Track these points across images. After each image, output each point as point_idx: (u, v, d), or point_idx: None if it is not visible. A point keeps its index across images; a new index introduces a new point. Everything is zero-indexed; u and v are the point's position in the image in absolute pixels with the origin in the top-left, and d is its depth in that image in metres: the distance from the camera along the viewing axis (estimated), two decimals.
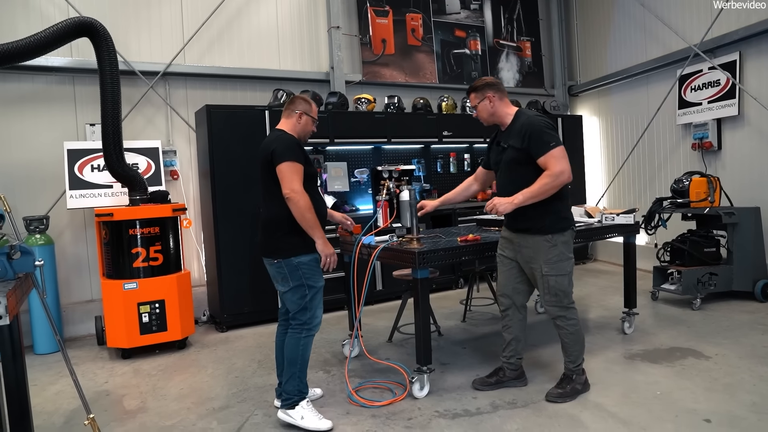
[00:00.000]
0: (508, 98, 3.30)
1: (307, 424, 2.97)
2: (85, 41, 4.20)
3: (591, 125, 8.00)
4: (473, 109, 3.30)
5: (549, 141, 3.00)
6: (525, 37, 8.00)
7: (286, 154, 2.96)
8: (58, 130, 5.18)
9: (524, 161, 3.09)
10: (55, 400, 3.60)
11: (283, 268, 3.03)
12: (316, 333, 3.12)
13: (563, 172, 2.98)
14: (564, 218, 3.18)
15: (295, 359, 3.03)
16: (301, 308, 3.04)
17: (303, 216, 2.94)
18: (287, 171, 2.94)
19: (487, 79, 3.31)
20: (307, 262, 3.05)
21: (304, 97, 3.28)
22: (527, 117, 3.14)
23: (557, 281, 3.13)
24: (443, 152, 6.91)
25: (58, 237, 5.11)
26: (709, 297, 5.21)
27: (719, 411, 2.97)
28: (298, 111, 3.18)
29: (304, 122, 3.20)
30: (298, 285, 3.03)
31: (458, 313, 5.25)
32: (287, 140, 3.05)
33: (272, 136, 3.13)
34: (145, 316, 4.35)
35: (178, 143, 5.74)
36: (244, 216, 5.10)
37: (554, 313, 3.21)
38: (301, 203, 2.92)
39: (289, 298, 3.08)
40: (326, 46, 6.50)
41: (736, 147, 5.87)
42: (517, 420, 2.98)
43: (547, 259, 3.12)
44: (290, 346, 3.06)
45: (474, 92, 3.27)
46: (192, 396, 3.56)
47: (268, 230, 3.09)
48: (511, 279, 3.35)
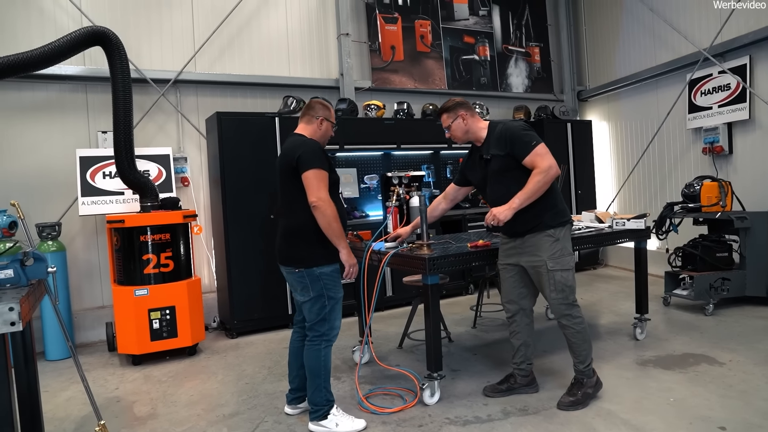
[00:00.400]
0: (477, 115, 3.37)
1: (344, 428, 2.98)
2: (97, 49, 4.25)
3: (600, 130, 7.97)
4: (446, 130, 3.36)
5: (530, 141, 3.07)
6: (534, 43, 8.00)
7: (314, 161, 2.89)
8: (70, 138, 5.24)
9: (511, 167, 3.13)
10: (66, 406, 3.62)
11: (305, 278, 2.98)
12: (334, 342, 3.11)
13: (551, 167, 3.04)
14: (562, 211, 3.21)
15: (318, 371, 3.00)
16: (321, 319, 3.00)
17: (329, 225, 2.89)
18: (314, 178, 2.87)
19: (456, 99, 3.40)
20: (329, 273, 3.01)
21: (323, 101, 3.22)
22: (503, 124, 3.22)
23: (563, 276, 3.13)
24: (453, 158, 6.91)
25: (70, 243, 5.15)
26: (722, 302, 5.15)
27: (734, 418, 2.93)
28: (320, 116, 3.12)
29: (324, 128, 3.15)
30: (318, 295, 2.98)
31: (468, 320, 5.23)
32: (313, 146, 2.98)
33: (296, 142, 3.03)
34: (156, 322, 4.37)
35: (188, 150, 5.78)
36: (255, 222, 5.12)
37: (561, 312, 3.19)
38: (328, 212, 2.87)
39: (308, 308, 3.03)
40: (336, 53, 6.53)
41: (748, 151, 5.82)
42: (529, 427, 2.96)
43: (551, 255, 3.12)
44: (311, 359, 3.01)
45: (446, 113, 3.34)
46: (202, 402, 3.57)
47: (291, 238, 3.04)
48: (516, 285, 3.35)
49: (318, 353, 3.00)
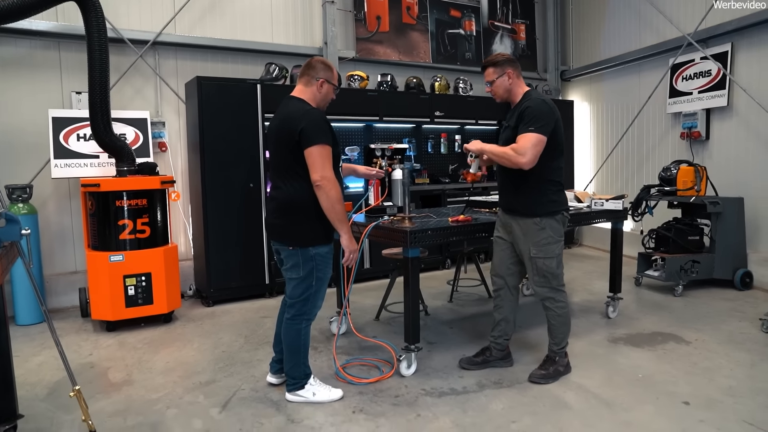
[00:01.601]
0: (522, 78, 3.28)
1: (321, 397, 3.00)
2: (71, 5, 4.07)
3: (582, 111, 8.02)
4: (488, 84, 3.24)
5: (533, 124, 2.99)
6: (520, 20, 7.95)
7: (319, 135, 2.71)
8: (42, 97, 5.05)
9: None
10: (38, 371, 3.57)
11: (298, 256, 2.85)
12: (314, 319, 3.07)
13: (524, 154, 2.95)
14: (553, 201, 3.17)
15: (297, 348, 2.97)
16: (304, 298, 2.92)
17: (333, 207, 2.74)
18: (318, 155, 2.70)
19: (506, 54, 3.27)
20: (323, 254, 2.91)
21: (324, 60, 2.99)
22: (532, 99, 3.12)
23: (545, 263, 3.16)
24: (434, 132, 6.90)
25: (42, 207, 5.02)
26: (691, 284, 5.30)
27: (698, 394, 3.04)
28: (321, 78, 2.90)
29: (325, 91, 2.94)
30: (307, 275, 2.88)
31: (445, 294, 5.29)
32: (317, 118, 2.78)
33: (297, 110, 2.81)
34: (131, 288, 4.32)
35: (167, 115, 5.64)
36: (234, 190, 5.06)
37: (543, 294, 3.24)
38: (332, 193, 2.72)
39: (293, 285, 2.93)
40: (320, 20, 6.40)
41: (724, 138, 5.93)
42: (503, 399, 3.03)
43: (536, 242, 3.14)
44: (291, 336, 2.96)
45: (493, 66, 3.19)
46: (178, 370, 3.55)
47: (286, 214, 2.86)
48: (506, 260, 3.37)
49: (298, 332, 2.96)
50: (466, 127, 7.03)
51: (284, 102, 2.96)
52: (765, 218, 5.47)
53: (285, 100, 2.96)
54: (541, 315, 3.44)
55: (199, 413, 2.94)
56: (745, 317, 4.42)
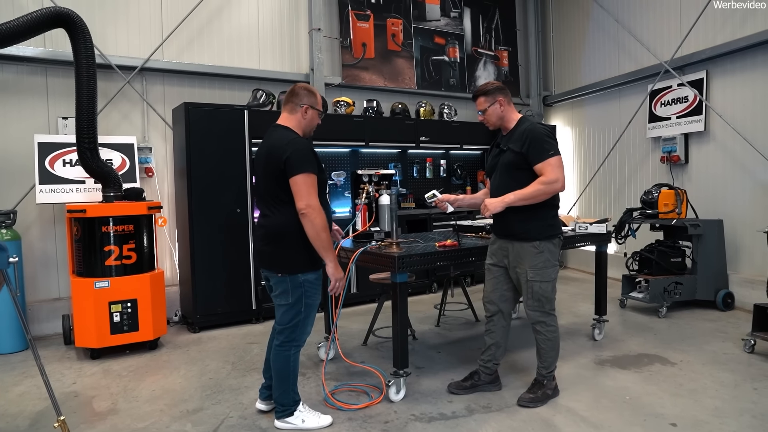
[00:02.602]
0: (513, 104, 3.36)
1: (310, 424, 2.98)
2: (59, 32, 4.10)
3: (564, 135, 8.17)
4: (480, 113, 3.31)
5: (548, 149, 3.08)
6: (502, 47, 8.14)
7: (303, 164, 2.74)
8: (28, 122, 5.04)
9: (521, 166, 3.15)
10: (19, 401, 3.49)
11: (287, 283, 2.87)
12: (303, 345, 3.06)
13: (557, 180, 3.06)
14: (551, 225, 3.23)
15: (286, 375, 2.96)
16: (293, 325, 2.92)
17: (318, 235, 2.77)
18: (303, 184, 2.73)
19: (496, 83, 3.36)
20: (312, 280, 2.92)
21: (308, 87, 3.02)
22: (530, 123, 3.22)
23: (541, 287, 3.19)
24: (420, 157, 6.97)
25: (25, 232, 4.96)
26: (675, 305, 5.38)
27: (684, 416, 3.08)
28: (304, 104, 2.95)
29: (309, 117, 2.98)
30: (296, 301, 2.89)
31: (432, 318, 5.29)
32: (302, 147, 2.80)
33: (282, 138, 2.85)
34: (117, 315, 4.26)
35: (153, 140, 5.64)
36: (220, 216, 5.05)
37: (535, 318, 3.27)
38: (317, 221, 2.75)
39: (282, 312, 2.93)
40: (306, 47, 6.49)
41: (702, 161, 6.09)
42: (492, 424, 3.03)
43: (533, 265, 3.18)
44: (280, 363, 2.94)
45: (484, 96, 3.27)
46: (165, 398, 3.50)
47: (274, 241, 2.88)
48: (499, 287, 3.39)
49: (287, 358, 2.94)
50: (451, 151, 7.13)
51: (270, 130, 2.98)
52: (744, 240, 5.60)
53: (271, 129, 2.98)
54: (529, 338, 3.47)
55: None
56: (728, 338, 4.49)
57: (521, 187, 3.09)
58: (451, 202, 3.54)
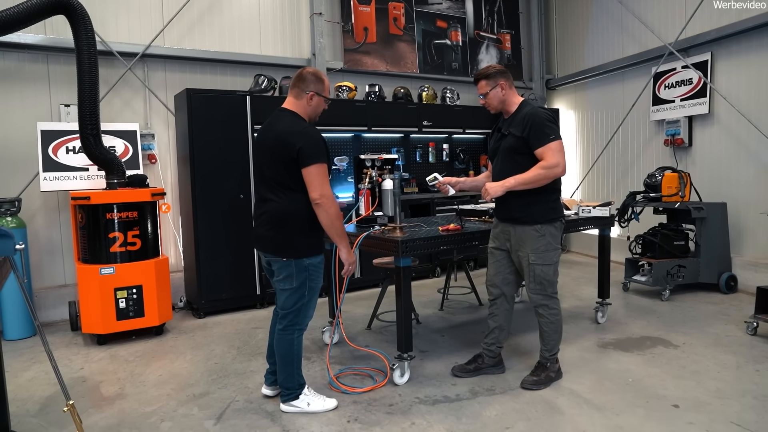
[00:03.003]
0: (514, 88, 3.34)
1: (315, 407, 3.01)
2: (60, 18, 4.08)
3: (567, 119, 8.14)
4: (482, 96, 3.30)
5: (549, 134, 3.08)
6: (505, 30, 8.07)
7: (317, 155, 2.75)
8: (30, 110, 5.04)
9: (522, 150, 3.14)
10: (28, 386, 3.54)
11: (292, 267, 2.86)
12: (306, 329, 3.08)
13: (558, 165, 3.06)
14: (552, 209, 3.24)
15: (291, 359, 2.98)
16: (296, 309, 2.94)
17: (332, 223, 2.80)
18: (317, 175, 2.74)
19: (498, 66, 3.33)
20: (316, 264, 2.93)
21: (316, 72, 2.96)
22: (531, 107, 3.21)
23: (543, 270, 3.21)
24: (422, 142, 6.95)
25: (30, 220, 4.99)
26: (678, 288, 5.39)
27: (687, 397, 3.10)
28: (310, 91, 2.90)
29: (315, 103, 2.94)
30: (300, 285, 2.89)
31: (436, 302, 5.32)
32: (316, 137, 2.79)
33: (293, 126, 2.82)
34: (122, 301, 4.30)
35: (156, 127, 5.64)
36: (223, 201, 5.07)
37: (537, 302, 3.29)
38: (332, 211, 2.77)
39: (286, 296, 2.93)
40: (308, 32, 6.45)
41: (706, 144, 6.06)
42: (496, 406, 3.06)
43: (535, 248, 3.19)
44: (284, 347, 2.97)
45: (486, 79, 3.25)
46: (171, 382, 3.54)
47: (279, 226, 2.86)
48: (502, 270, 3.40)
49: (291, 342, 2.97)
50: (453, 136, 7.11)
51: (276, 115, 2.95)
52: (748, 222, 5.59)
53: (277, 113, 2.96)
54: (532, 322, 3.49)
55: (194, 426, 2.93)
56: (730, 320, 4.51)
57: (522, 171, 3.09)
58: (453, 184, 3.53)
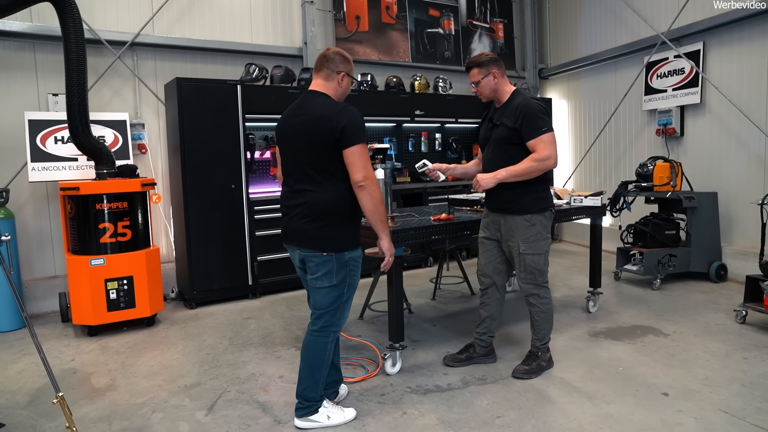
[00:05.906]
0: (507, 77, 3.31)
1: (336, 420, 2.78)
2: (46, 6, 4.01)
3: (560, 108, 8.13)
4: (473, 84, 3.26)
5: (541, 125, 3.05)
6: (498, 19, 8.02)
7: (360, 134, 2.54)
8: (17, 100, 4.97)
9: (513, 141, 3.12)
10: (17, 378, 3.52)
11: (333, 262, 2.61)
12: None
13: (550, 157, 3.04)
14: (542, 198, 3.23)
15: (320, 365, 2.71)
16: (334, 308, 2.69)
17: (376, 208, 2.56)
18: (360, 155, 2.52)
19: (490, 54, 3.28)
20: (356, 259, 2.70)
21: (342, 52, 2.75)
22: (524, 98, 3.17)
23: (533, 260, 3.21)
24: (415, 131, 6.93)
25: (19, 211, 4.94)
26: (668, 277, 5.43)
27: (676, 385, 3.13)
28: (341, 71, 2.70)
29: (345, 85, 2.73)
30: (340, 282, 2.65)
31: (428, 291, 5.33)
32: (357, 116, 2.57)
33: (332, 107, 2.59)
34: (113, 292, 4.27)
35: (146, 116, 5.58)
36: (215, 191, 5.03)
37: (528, 291, 3.29)
38: (376, 194, 2.54)
39: (323, 294, 2.66)
40: (299, 21, 6.38)
41: (698, 134, 6.07)
42: (487, 395, 3.08)
43: (525, 238, 3.18)
44: (317, 351, 2.70)
45: (478, 67, 3.20)
46: (162, 373, 3.53)
47: (320, 218, 2.60)
48: (492, 260, 3.40)
49: (324, 346, 2.71)
50: (446, 125, 7.09)
51: (306, 97, 2.70)
52: (738, 212, 5.62)
53: (306, 95, 2.70)
54: (523, 311, 3.50)
55: (185, 416, 2.93)
56: (720, 309, 4.54)
57: (514, 162, 3.07)
58: (443, 170, 3.49)
